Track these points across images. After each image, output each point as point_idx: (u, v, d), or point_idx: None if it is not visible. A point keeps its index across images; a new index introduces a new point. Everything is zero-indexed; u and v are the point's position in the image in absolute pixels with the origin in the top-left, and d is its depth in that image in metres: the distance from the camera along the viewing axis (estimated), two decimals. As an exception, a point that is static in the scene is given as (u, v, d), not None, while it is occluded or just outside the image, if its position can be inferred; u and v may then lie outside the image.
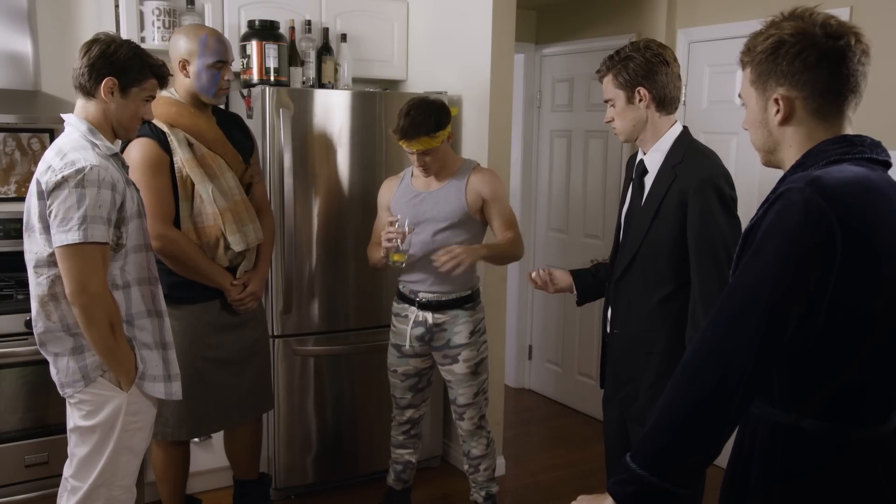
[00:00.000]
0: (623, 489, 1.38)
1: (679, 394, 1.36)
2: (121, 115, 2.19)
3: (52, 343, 2.16)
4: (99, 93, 2.14)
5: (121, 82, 2.15)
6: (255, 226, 2.80)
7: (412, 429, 3.17)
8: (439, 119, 2.79)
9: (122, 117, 2.19)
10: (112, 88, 2.14)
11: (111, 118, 2.18)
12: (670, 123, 2.26)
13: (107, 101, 2.15)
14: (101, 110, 2.17)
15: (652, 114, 2.24)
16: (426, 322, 2.95)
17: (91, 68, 2.12)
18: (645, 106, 2.23)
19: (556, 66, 4.66)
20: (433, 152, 2.80)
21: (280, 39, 3.42)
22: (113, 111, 2.17)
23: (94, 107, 2.17)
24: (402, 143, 2.80)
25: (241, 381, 2.88)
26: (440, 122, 2.79)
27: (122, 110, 2.18)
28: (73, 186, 2.01)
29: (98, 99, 2.15)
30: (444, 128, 2.81)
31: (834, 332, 1.34)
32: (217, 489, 3.44)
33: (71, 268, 2.03)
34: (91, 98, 2.16)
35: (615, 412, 2.40)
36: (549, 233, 4.81)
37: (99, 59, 2.12)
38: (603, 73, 2.29)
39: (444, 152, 2.86)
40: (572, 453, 4.07)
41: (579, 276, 2.56)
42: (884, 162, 1.43)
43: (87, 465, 2.17)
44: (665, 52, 2.24)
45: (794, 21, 1.41)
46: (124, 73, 2.15)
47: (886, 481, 1.40)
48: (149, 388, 2.24)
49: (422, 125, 2.75)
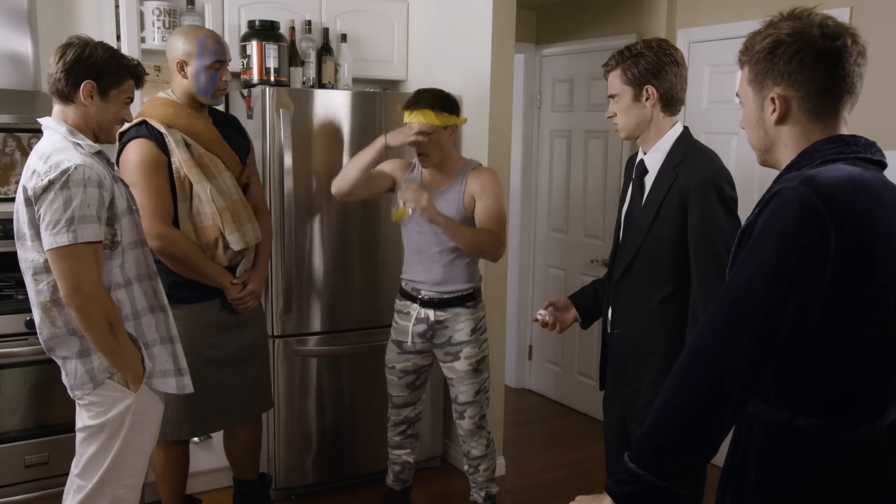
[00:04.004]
0: (622, 489, 1.38)
1: (676, 393, 1.37)
2: (101, 118, 2.18)
3: (59, 347, 2.16)
4: (78, 97, 2.13)
5: (99, 85, 2.14)
6: (253, 225, 2.81)
7: (409, 428, 3.17)
8: (447, 104, 2.84)
9: (102, 120, 2.18)
10: (91, 92, 2.13)
11: (91, 122, 2.17)
12: (672, 124, 2.26)
13: (86, 105, 2.14)
14: (81, 114, 2.15)
15: (657, 113, 2.23)
16: (428, 319, 2.95)
17: (68, 73, 2.10)
18: (651, 105, 2.22)
19: (556, 67, 4.66)
20: (433, 134, 2.81)
21: (280, 40, 3.43)
22: (93, 114, 2.16)
23: (73, 111, 2.15)
24: (406, 113, 2.84)
25: (240, 381, 2.89)
26: (447, 106, 2.84)
27: (102, 113, 2.17)
28: (59, 188, 2.00)
29: (77, 103, 2.14)
30: (451, 114, 2.84)
31: (828, 330, 1.34)
32: (217, 489, 3.44)
33: (63, 269, 2.03)
34: (69, 103, 2.14)
35: (616, 412, 2.40)
36: (549, 233, 4.81)
37: (75, 63, 2.10)
38: (611, 67, 2.27)
39: (445, 144, 2.87)
40: (572, 453, 4.07)
41: (581, 302, 2.53)
42: (878, 162, 1.44)
43: (93, 464, 2.18)
44: (676, 53, 2.23)
45: (792, 21, 1.41)
46: (102, 76, 2.13)
47: (880, 478, 1.41)
48: (159, 385, 2.25)
49: (430, 100, 2.81)
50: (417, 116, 2.80)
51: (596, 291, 2.52)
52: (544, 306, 2.52)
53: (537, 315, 2.50)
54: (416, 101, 2.83)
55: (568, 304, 2.53)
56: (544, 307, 2.51)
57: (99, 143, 2.22)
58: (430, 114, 2.79)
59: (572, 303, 2.53)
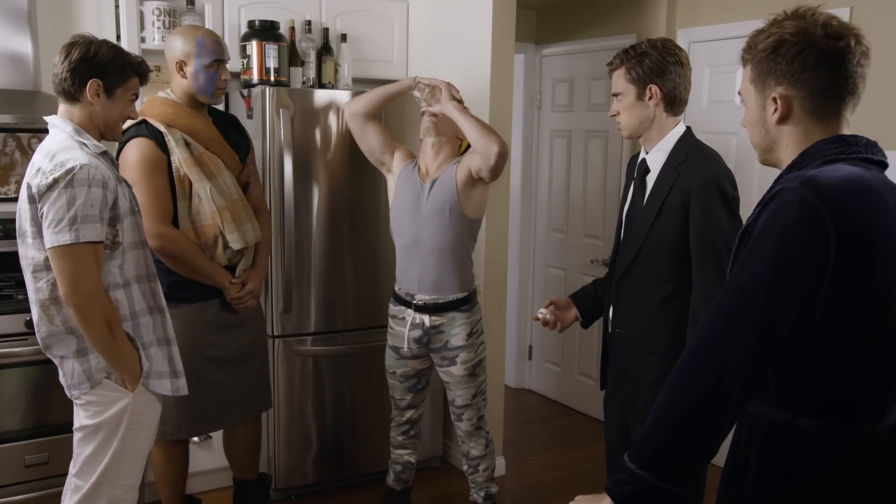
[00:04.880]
0: (621, 489, 1.38)
1: (677, 393, 1.37)
2: (107, 117, 2.18)
3: (56, 346, 2.16)
4: (84, 96, 2.12)
5: (105, 83, 2.13)
6: (252, 224, 2.82)
7: (411, 429, 3.17)
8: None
9: (108, 118, 2.18)
10: (97, 90, 2.13)
11: (97, 120, 2.17)
12: (675, 124, 2.26)
13: (93, 104, 2.14)
14: (87, 113, 2.15)
15: (660, 113, 2.23)
16: (423, 325, 2.94)
17: (73, 72, 2.10)
18: (654, 104, 2.22)
19: (556, 67, 4.66)
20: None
21: (280, 39, 3.42)
22: (99, 113, 2.16)
23: (79, 110, 2.15)
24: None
25: (240, 381, 2.89)
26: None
27: (108, 111, 2.17)
28: (64, 187, 2.00)
29: (83, 102, 2.13)
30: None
31: (829, 331, 1.34)
32: (217, 489, 3.44)
33: (64, 268, 2.03)
34: (75, 102, 2.14)
35: (616, 412, 2.40)
36: (549, 233, 4.81)
37: (80, 62, 2.10)
38: (616, 65, 2.27)
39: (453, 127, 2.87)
40: (572, 453, 4.07)
41: (582, 301, 2.53)
42: (879, 162, 1.43)
43: (90, 464, 2.18)
44: (680, 54, 2.23)
45: (796, 21, 1.41)
46: (107, 74, 2.13)
47: (881, 479, 1.40)
48: (155, 386, 2.24)
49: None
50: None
51: (597, 290, 2.53)
52: (545, 305, 2.52)
53: (538, 314, 2.50)
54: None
55: (569, 303, 2.53)
56: (545, 306, 2.51)
57: (105, 142, 2.22)
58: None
59: (573, 302, 2.53)
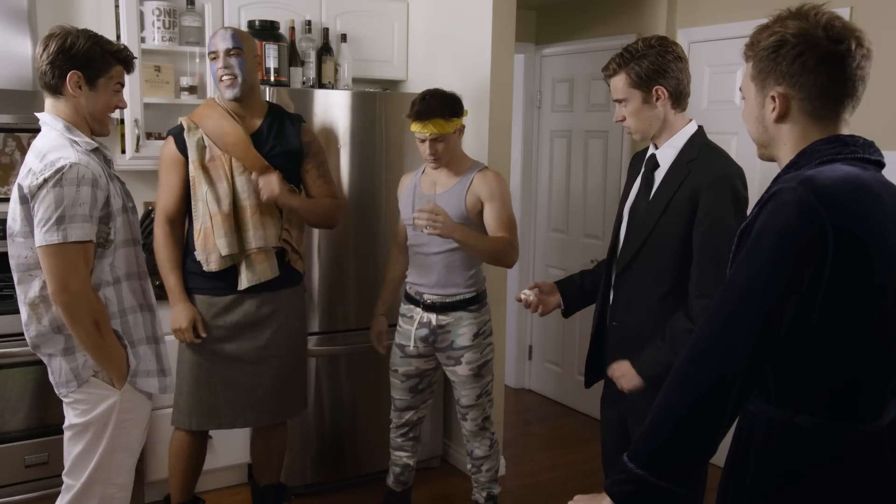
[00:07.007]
0: (621, 488, 1.38)
1: (676, 392, 1.37)
2: (92, 108, 2.14)
3: (45, 345, 2.16)
4: (66, 89, 2.09)
5: (86, 75, 2.10)
6: (256, 233, 2.75)
7: (410, 431, 3.16)
8: (454, 107, 2.82)
9: (94, 110, 2.15)
10: (78, 82, 2.09)
11: (83, 113, 2.14)
12: (685, 121, 2.22)
13: (76, 96, 2.11)
14: (73, 106, 2.12)
15: (668, 111, 2.19)
16: (430, 323, 2.94)
17: (52, 65, 2.07)
18: (662, 104, 2.18)
19: (556, 67, 4.66)
20: (445, 139, 2.80)
21: (280, 40, 3.43)
22: (84, 105, 2.13)
23: (64, 104, 2.12)
24: (416, 125, 2.79)
25: (258, 383, 2.87)
26: (455, 110, 2.82)
27: (92, 103, 2.14)
28: (52, 186, 1.99)
29: (66, 95, 2.10)
30: (459, 116, 2.83)
31: (827, 330, 1.34)
32: (219, 489, 3.45)
33: (51, 267, 2.03)
34: (59, 95, 2.11)
35: (613, 408, 2.39)
36: (549, 233, 4.81)
37: (58, 54, 2.07)
38: (613, 71, 2.21)
39: (454, 144, 2.86)
40: (572, 453, 4.07)
41: (567, 289, 2.51)
42: (876, 162, 1.43)
43: (80, 463, 2.17)
44: (677, 48, 2.19)
45: (799, 20, 1.39)
46: (87, 65, 2.10)
47: (879, 477, 1.41)
48: (143, 384, 2.24)
49: (437, 108, 2.76)
50: (429, 127, 2.76)
51: (583, 281, 2.51)
52: (529, 286, 2.49)
53: (521, 294, 2.48)
54: (423, 111, 2.76)
55: (553, 289, 2.51)
56: (529, 287, 2.49)
57: (95, 136, 2.20)
58: (441, 122, 2.76)
59: (558, 288, 2.52)
